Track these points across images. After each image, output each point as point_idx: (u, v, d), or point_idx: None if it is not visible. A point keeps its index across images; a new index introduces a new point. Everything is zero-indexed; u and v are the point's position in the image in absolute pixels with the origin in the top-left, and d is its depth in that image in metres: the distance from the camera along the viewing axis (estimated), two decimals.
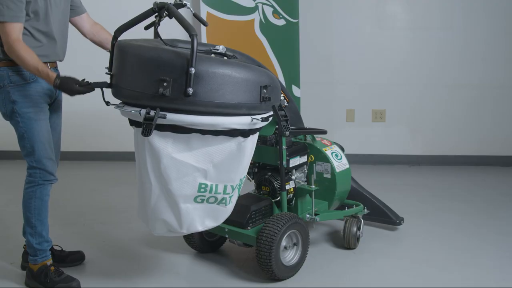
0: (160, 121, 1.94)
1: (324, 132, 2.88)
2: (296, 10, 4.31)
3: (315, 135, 2.93)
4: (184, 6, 2.20)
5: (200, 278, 2.62)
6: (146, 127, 1.92)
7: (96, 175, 4.64)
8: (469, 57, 4.53)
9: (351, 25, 4.64)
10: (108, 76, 2.15)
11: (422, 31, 4.55)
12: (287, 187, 2.66)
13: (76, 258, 2.74)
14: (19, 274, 2.62)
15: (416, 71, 4.62)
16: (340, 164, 2.87)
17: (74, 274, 2.52)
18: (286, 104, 2.49)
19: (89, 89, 2.17)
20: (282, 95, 2.46)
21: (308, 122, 2.93)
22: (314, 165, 2.88)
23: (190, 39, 1.89)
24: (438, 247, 2.90)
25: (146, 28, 2.28)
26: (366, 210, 2.94)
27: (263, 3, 4.28)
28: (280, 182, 2.64)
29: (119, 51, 2.09)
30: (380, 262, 2.73)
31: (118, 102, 2.13)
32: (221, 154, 2.09)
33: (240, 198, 2.46)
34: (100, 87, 2.16)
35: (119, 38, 2.15)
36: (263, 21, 4.32)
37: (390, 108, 4.69)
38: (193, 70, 1.87)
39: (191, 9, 2.22)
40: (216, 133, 2.03)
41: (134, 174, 2.25)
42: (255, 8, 4.29)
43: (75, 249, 2.79)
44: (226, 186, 2.16)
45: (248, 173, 2.69)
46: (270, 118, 2.23)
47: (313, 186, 2.67)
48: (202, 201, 2.15)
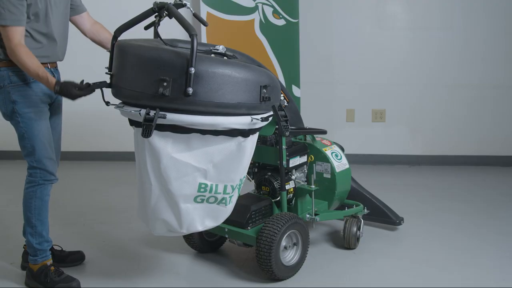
0: (160, 121, 1.93)
1: (324, 132, 2.88)
2: (296, 10, 4.31)
3: (315, 135, 2.93)
4: (184, 6, 2.20)
5: (200, 278, 2.61)
6: (146, 128, 1.92)
7: (96, 175, 4.63)
8: (469, 57, 4.53)
9: (351, 25, 4.64)
10: (108, 76, 2.15)
11: (422, 31, 4.55)
12: (287, 187, 2.66)
13: (76, 258, 2.74)
14: (19, 274, 2.62)
15: (416, 71, 4.62)
16: (340, 164, 2.87)
17: (74, 274, 2.52)
18: (286, 104, 2.49)
19: (89, 91, 2.17)
20: (282, 95, 2.46)
21: (308, 122, 2.92)
22: (314, 165, 2.88)
23: (190, 39, 1.89)
24: (438, 247, 2.90)
25: (146, 28, 2.28)
26: (366, 210, 2.94)
27: (263, 3, 4.28)
28: (280, 182, 2.64)
29: (119, 51, 2.09)
30: (380, 262, 2.73)
31: (118, 102, 2.13)
32: (221, 154, 2.09)
33: (240, 198, 2.46)
34: (100, 88, 2.16)
35: (119, 38, 2.15)
36: (263, 21, 4.32)
37: (390, 108, 4.69)
38: (193, 70, 1.87)
39: (191, 9, 2.22)
40: (216, 133, 2.03)
41: (134, 174, 2.24)
42: (255, 8, 4.29)
43: (75, 249, 2.79)
44: (226, 186, 2.16)
45: (248, 173, 2.69)
46: (270, 118, 2.23)
47: (313, 186, 2.67)
48: (202, 201, 2.15)
